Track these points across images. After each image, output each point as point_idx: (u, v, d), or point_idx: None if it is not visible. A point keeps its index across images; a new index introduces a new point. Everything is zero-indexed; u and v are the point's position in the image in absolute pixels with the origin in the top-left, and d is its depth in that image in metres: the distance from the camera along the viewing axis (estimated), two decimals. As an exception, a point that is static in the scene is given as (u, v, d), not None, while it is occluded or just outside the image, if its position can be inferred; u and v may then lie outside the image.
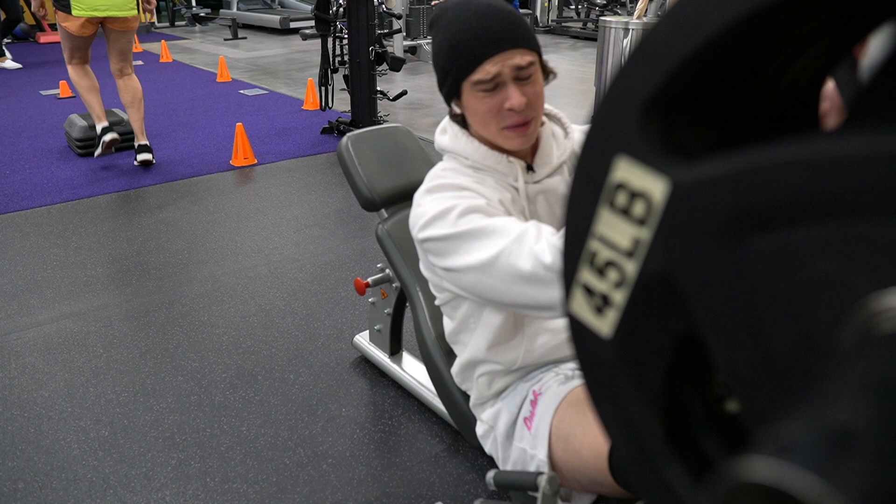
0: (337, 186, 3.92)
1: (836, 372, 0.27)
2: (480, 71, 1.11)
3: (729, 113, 0.38)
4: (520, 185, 1.22)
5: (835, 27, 0.36)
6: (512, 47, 1.11)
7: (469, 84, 1.14)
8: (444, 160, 1.28)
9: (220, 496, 1.72)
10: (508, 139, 1.17)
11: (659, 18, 0.34)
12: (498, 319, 1.24)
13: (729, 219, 0.32)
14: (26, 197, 3.75)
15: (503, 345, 1.26)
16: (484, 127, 1.18)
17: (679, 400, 0.39)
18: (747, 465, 0.23)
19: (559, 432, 1.20)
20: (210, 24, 11.84)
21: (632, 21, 5.14)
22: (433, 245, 1.14)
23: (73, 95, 6.18)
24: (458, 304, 1.29)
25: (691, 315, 0.35)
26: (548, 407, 1.23)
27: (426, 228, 1.14)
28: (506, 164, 1.21)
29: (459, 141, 1.23)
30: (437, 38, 1.17)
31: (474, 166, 1.22)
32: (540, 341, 1.27)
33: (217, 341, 2.39)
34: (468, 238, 1.09)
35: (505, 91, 1.13)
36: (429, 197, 1.17)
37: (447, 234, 1.11)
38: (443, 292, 1.31)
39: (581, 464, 1.15)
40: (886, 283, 0.27)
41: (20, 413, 2.02)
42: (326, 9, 4.72)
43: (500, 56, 1.10)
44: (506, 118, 1.14)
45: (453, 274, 1.13)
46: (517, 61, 1.11)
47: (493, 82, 1.12)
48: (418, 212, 1.18)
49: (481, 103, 1.14)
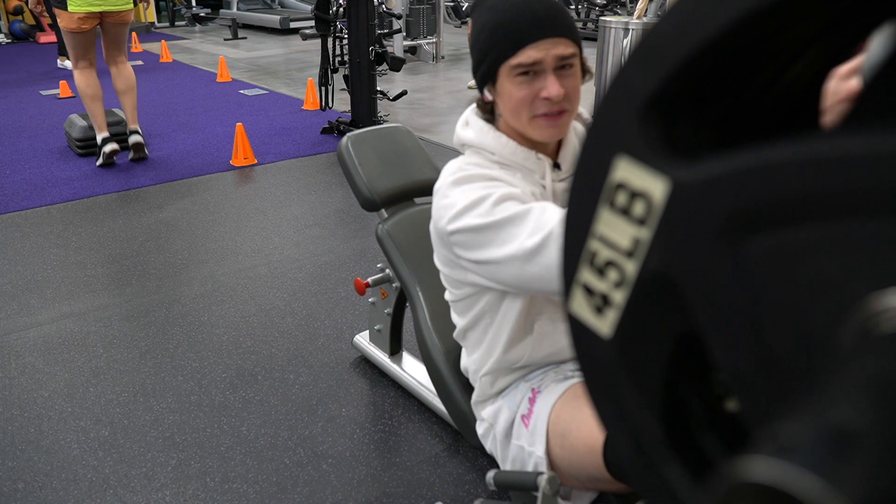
0: (337, 186, 3.92)
1: (836, 372, 0.27)
2: (522, 55, 1.08)
3: (729, 113, 0.38)
4: (547, 183, 1.18)
5: (835, 27, 0.36)
6: (557, 35, 1.08)
7: (507, 68, 1.10)
8: (467, 154, 1.22)
9: (220, 496, 1.72)
10: (539, 128, 1.13)
11: (659, 18, 0.34)
12: (512, 319, 1.22)
13: (729, 218, 0.32)
14: (26, 197, 3.75)
15: (514, 344, 1.25)
16: (515, 115, 1.14)
17: (679, 399, 0.39)
18: (747, 464, 0.23)
19: (556, 429, 1.19)
20: (210, 24, 11.85)
21: (632, 21, 5.14)
22: (465, 237, 1.10)
23: (73, 95, 6.18)
24: (475, 302, 1.26)
25: (691, 315, 0.35)
26: (545, 404, 1.22)
27: (457, 219, 1.10)
28: (535, 161, 1.17)
29: (486, 135, 1.19)
30: (480, 19, 1.13)
31: (501, 162, 1.18)
32: (547, 341, 1.26)
33: (217, 341, 2.39)
34: (506, 226, 1.05)
35: (543, 79, 1.10)
36: (457, 188, 1.13)
37: (483, 224, 1.07)
38: (461, 288, 1.26)
39: (577, 459, 1.15)
40: (886, 283, 0.27)
41: (20, 413, 2.02)
42: (326, 9, 4.72)
43: (545, 42, 1.08)
44: (539, 107, 1.11)
45: (490, 266, 1.09)
46: (560, 51, 1.09)
47: (533, 69, 1.09)
48: (445, 203, 1.13)
49: (517, 89, 1.11)
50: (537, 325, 1.24)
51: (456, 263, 1.20)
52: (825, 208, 0.29)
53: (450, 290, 1.32)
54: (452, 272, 1.25)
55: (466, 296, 1.27)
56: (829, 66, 0.40)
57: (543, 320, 1.24)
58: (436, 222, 1.18)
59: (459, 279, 1.25)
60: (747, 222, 0.32)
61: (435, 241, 1.25)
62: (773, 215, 0.31)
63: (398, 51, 7.16)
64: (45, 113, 5.65)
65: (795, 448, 0.23)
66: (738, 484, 0.23)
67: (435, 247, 1.27)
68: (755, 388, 0.34)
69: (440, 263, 1.29)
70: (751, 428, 0.35)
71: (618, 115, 0.37)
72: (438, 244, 1.23)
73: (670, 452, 0.38)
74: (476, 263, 1.12)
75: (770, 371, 0.33)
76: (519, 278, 1.06)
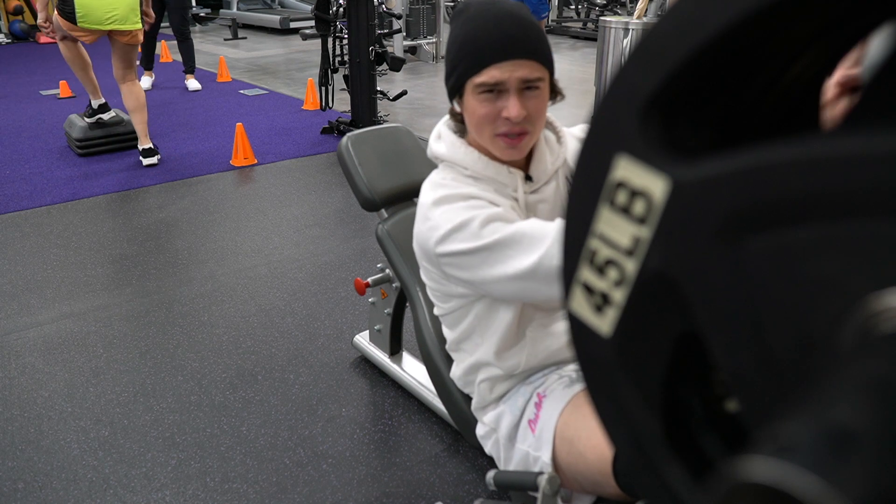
0: (337, 186, 3.92)
1: (836, 372, 0.27)
2: (485, 74, 1.09)
3: (729, 112, 0.38)
4: (519, 196, 1.19)
5: (834, 27, 0.36)
6: (522, 57, 1.09)
7: (472, 85, 1.12)
8: (441, 168, 1.24)
9: (220, 496, 1.72)
10: (500, 148, 1.16)
11: (659, 18, 0.34)
12: (502, 328, 1.22)
13: (729, 218, 0.32)
14: (26, 197, 3.75)
15: (507, 351, 1.25)
16: (478, 131, 1.16)
17: (679, 399, 0.39)
18: (747, 464, 0.23)
19: (564, 434, 1.19)
20: (210, 24, 11.84)
21: (632, 21, 5.14)
22: (457, 259, 1.11)
23: (73, 95, 6.18)
24: (464, 315, 1.27)
25: (691, 314, 0.35)
26: (553, 409, 1.22)
27: (445, 243, 1.11)
28: (506, 175, 1.19)
29: (458, 151, 1.20)
30: (455, 30, 1.15)
31: (473, 176, 1.19)
32: (542, 346, 1.26)
33: (217, 341, 2.39)
34: (500, 248, 1.06)
35: (506, 99, 1.11)
36: (438, 210, 1.14)
37: (474, 248, 1.08)
38: (448, 301, 1.28)
39: (584, 466, 1.15)
40: (886, 283, 0.27)
41: (20, 413, 2.02)
42: (326, 9, 4.72)
43: (508, 64, 1.08)
44: (500, 125, 1.13)
45: (487, 285, 1.10)
46: (524, 73, 1.09)
47: (496, 89, 1.10)
48: (429, 226, 1.14)
49: (480, 106, 1.12)
50: (529, 331, 1.25)
51: (444, 278, 1.21)
52: (825, 208, 0.29)
53: (438, 305, 1.33)
54: (440, 287, 1.27)
55: (455, 309, 1.28)
56: (829, 66, 0.40)
57: (535, 327, 1.25)
58: (422, 243, 1.18)
59: (447, 293, 1.26)
60: (747, 222, 0.32)
61: (421, 257, 1.25)
62: (773, 215, 0.31)
63: (398, 51, 7.16)
64: (45, 113, 5.65)
65: (795, 448, 0.23)
66: (738, 484, 0.23)
67: (420, 263, 1.28)
68: (755, 388, 0.34)
69: (427, 279, 1.30)
70: (751, 428, 0.35)
71: (618, 114, 0.37)
72: (425, 262, 1.24)
73: (670, 452, 0.38)
74: (469, 282, 1.14)
75: (770, 371, 0.33)
76: (521, 294, 1.10)
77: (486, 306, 1.23)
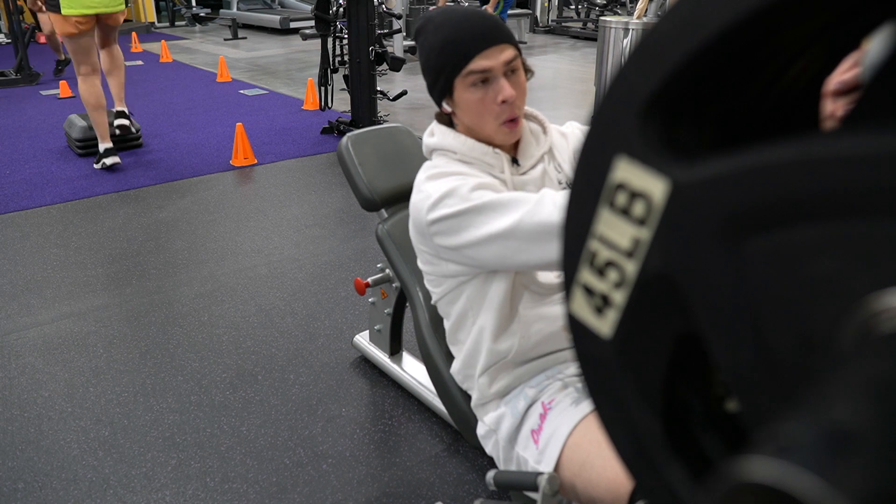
0: (337, 186, 3.92)
1: (836, 372, 0.27)
2: (473, 64, 1.19)
3: (729, 113, 0.38)
4: (506, 177, 1.26)
5: (834, 27, 0.36)
6: (500, 43, 1.20)
7: (461, 78, 1.21)
8: (434, 157, 1.32)
9: (220, 496, 1.72)
10: (505, 134, 1.25)
11: (659, 18, 0.34)
12: (495, 305, 1.24)
13: (729, 219, 0.32)
14: (26, 197, 3.75)
15: (501, 333, 1.26)
16: (479, 121, 1.24)
17: (679, 400, 0.39)
18: (747, 464, 0.23)
19: (573, 456, 1.18)
20: (210, 24, 11.85)
21: (632, 21, 5.14)
22: (446, 223, 1.16)
23: (73, 95, 6.18)
24: (456, 297, 1.30)
25: (691, 315, 0.35)
26: (560, 426, 1.21)
27: (435, 209, 1.17)
28: (492, 156, 1.26)
29: (447, 137, 1.29)
30: (427, 42, 1.24)
31: (462, 160, 1.27)
32: (535, 328, 1.27)
33: (217, 341, 2.39)
34: (485, 210, 1.12)
35: (496, 84, 1.20)
36: (431, 183, 1.21)
37: (462, 210, 1.14)
38: (442, 284, 1.31)
39: (592, 493, 1.14)
40: (886, 283, 0.27)
41: (20, 413, 2.02)
42: (326, 9, 4.72)
43: (491, 50, 1.19)
44: (501, 114, 1.22)
45: (472, 248, 1.15)
46: (506, 56, 1.20)
47: (485, 75, 1.20)
48: (422, 196, 1.20)
49: (474, 95, 1.21)
50: (524, 313, 1.27)
51: (437, 257, 1.25)
52: (825, 208, 0.29)
53: (433, 291, 1.37)
54: (434, 268, 1.30)
55: (449, 290, 1.32)
56: (829, 66, 0.40)
57: (526, 304, 1.28)
58: (415, 215, 1.24)
59: (441, 273, 1.30)
60: (747, 222, 0.32)
61: (416, 239, 1.30)
62: (773, 215, 0.31)
63: (398, 51, 7.15)
64: (45, 113, 5.65)
65: (795, 448, 0.23)
66: (737, 484, 0.23)
67: (416, 247, 1.32)
68: (755, 388, 0.34)
69: (422, 263, 1.35)
70: (751, 428, 0.35)
71: (618, 115, 0.37)
72: (419, 241, 1.28)
73: (670, 452, 0.38)
74: (457, 250, 1.18)
75: (770, 371, 0.33)
76: (502, 254, 1.12)
77: (478, 286, 1.27)
